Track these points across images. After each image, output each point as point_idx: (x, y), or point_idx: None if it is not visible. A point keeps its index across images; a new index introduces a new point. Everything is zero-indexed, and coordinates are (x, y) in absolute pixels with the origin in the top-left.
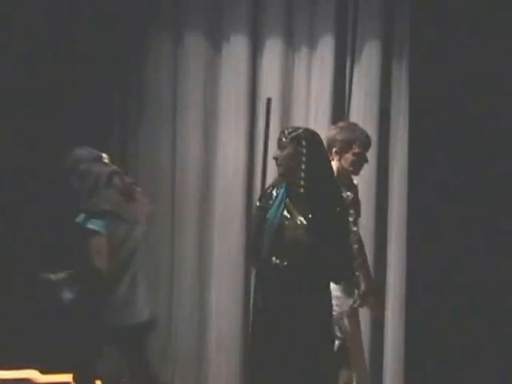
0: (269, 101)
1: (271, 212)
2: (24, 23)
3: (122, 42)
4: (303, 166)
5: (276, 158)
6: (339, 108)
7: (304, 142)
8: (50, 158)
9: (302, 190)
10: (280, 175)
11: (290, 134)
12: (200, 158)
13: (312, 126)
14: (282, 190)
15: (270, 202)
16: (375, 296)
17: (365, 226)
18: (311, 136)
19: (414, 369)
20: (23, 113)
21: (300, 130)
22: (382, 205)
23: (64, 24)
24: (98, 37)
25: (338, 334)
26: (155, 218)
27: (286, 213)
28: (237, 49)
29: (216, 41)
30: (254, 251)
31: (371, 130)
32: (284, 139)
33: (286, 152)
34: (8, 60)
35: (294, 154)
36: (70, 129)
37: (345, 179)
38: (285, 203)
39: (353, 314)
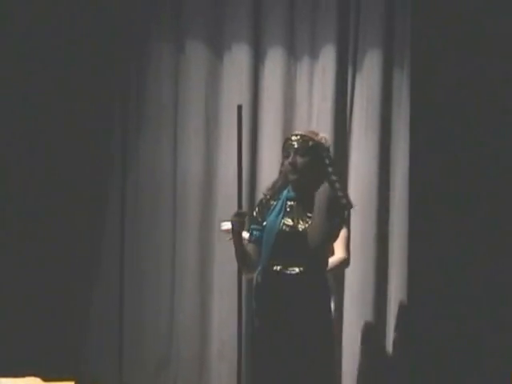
0: (239, 108)
1: (270, 219)
2: (26, 29)
3: (124, 50)
4: (320, 175)
5: (294, 164)
6: (341, 116)
7: (324, 152)
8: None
9: (310, 197)
10: (292, 180)
11: (308, 141)
12: (201, 165)
13: None
14: (282, 198)
15: (267, 210)
16: None
17: (367, 231)
18: (325, 146)
19: (416, 370)
20: (24, 117)
21: (315, 140)
22: (383, 211)
23: (66, 30)
24: (99, 43)
25: None
26: (156, 227)
27: (286, 220)
28: (238, 57)
29: (218, 49)
30: (245, 259)
31: (373, 137)
32: (304, 146)
33: (306, 159)
34: (10, 64)
35: (315, 162)
36: (72, 135)
37: None
38: (285, 210)
39: None
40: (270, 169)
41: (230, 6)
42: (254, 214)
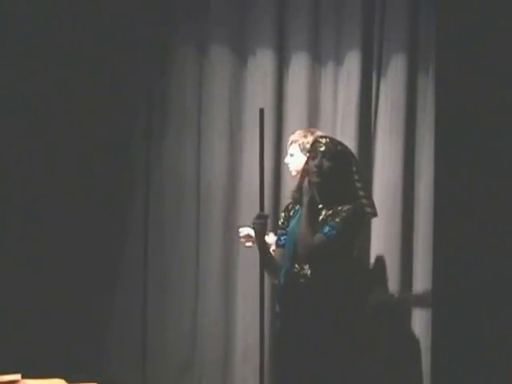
0: (261, 111)
1: (292, 222)
2: (51, 32)
3: (148, 54)
4: (344, 180)
5: (320, 167)
6: (365, 121)
7: (352, 158)
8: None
9: (332, 201)
10: (315, 183)
11: (336, 145)
12: (225, 170)
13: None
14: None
15: (291, 214)
16: None
17: (390, 238)
18: (350, 151)
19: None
20: (46, 121)
21: (344, 145)
22: (407, 217)
23: (89, 34)
24: (122, 48)
25: None
26: (180, 231)
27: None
28: (263, 62)
29: (242, 54)
30: (269, 263)
31: (397, 142)
32: (332, 150)
33: (332, 163)
34: (37, 69)
35: (341, 167)
36: (95, 140)
37: None
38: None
39: None
40: None
41: (255, 11)
42: (281, 219)
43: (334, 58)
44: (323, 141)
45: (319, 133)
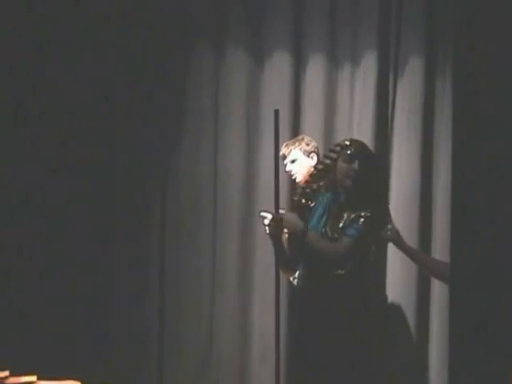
0: (276, 112)
1: (312, 223)
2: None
3: (164, 56)
4: (373, 184)
5: (354, 171)
6: (382, 122)
7: (384, 170)
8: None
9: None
10: (347, 187)
11: (370, 154)
12: (242, 171)
13: None
14: (324, 202)
15: (306, 213)
16: None
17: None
18: (373, 153)
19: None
20: (58, 124)
21: (369, 150)
22: (425, 222)
23: (104, 34)
24: (139, 50)
25: None
26: (197, 232)
27: (329, 224)
28: (280, 64)
29: (259, 56)
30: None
31: (414, 142)
32: (367, 157)
33: (366, 168)
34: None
35: (373, 174)
36: (112, 142)
37: None
38: (329, 214)
39: None
40: None
41: (272, 13)
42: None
43: (350, 59)
44: (354, 145)
45: (309, 138)
